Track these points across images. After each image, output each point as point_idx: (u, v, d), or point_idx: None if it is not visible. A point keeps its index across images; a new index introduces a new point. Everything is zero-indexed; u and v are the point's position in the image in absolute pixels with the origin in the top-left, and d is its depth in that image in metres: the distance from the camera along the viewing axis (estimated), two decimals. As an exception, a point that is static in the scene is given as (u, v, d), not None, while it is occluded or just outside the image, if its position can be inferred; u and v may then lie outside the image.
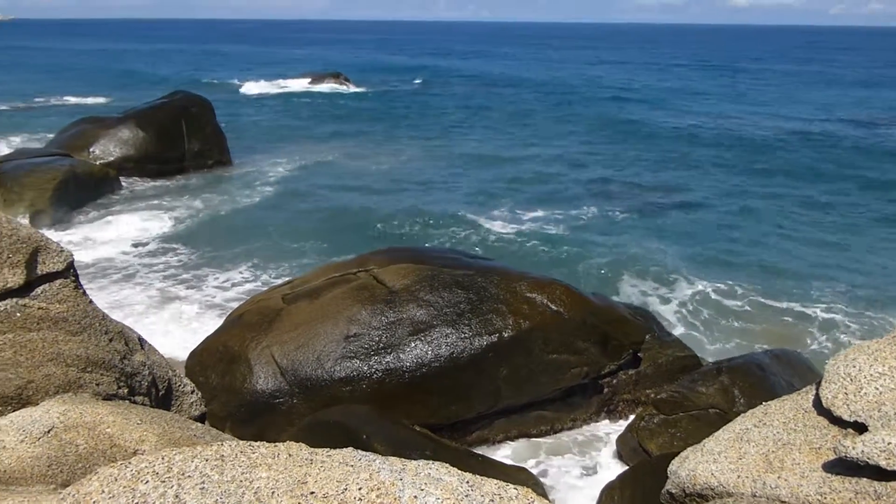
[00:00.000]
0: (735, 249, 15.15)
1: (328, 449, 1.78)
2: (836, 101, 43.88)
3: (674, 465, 2.83)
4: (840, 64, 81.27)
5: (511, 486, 1.60)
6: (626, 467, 7.37)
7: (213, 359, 7.90)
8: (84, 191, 17.26)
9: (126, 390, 3.63)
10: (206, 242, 14.84)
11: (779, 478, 2.56)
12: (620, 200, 19.06)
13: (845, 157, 25.56)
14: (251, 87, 47.76)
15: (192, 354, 8.26)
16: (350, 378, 7.49)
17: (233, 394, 7.49)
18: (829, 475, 2.54)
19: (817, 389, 2.90)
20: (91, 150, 19.52)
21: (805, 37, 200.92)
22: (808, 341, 11.09)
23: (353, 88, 48.01)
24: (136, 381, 3.75)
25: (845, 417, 2.66)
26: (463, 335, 7.75)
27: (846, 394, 2.67)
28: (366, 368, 7.54)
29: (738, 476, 2.58)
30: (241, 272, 13.19)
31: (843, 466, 2.53)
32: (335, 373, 7.49)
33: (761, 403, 3.18)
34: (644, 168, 23.52)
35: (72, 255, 3.64)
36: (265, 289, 10.75)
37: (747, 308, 12.15)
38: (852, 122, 34.22)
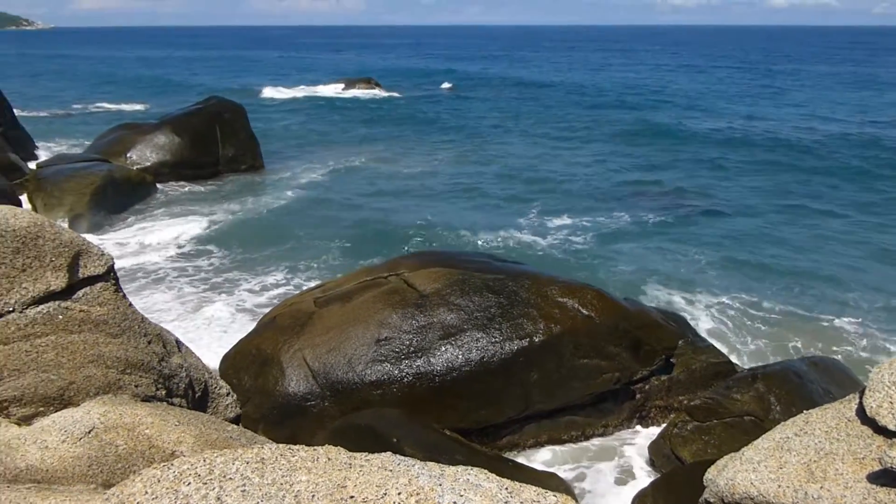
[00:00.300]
0: (770, 254, 14.88)
1: (366, 453, 1.79)
2: (878, 102, 42.90)
3: (711, 474, 2.78)
4: (882, 64, 79.42)
5: (550, 493, 1.58)
6: (659, 475, 7.28)
7: (246, 361, 7.99)
8: (121, 195, 17.62)
9: (164, 392, 3.69)
10: (239, 246, 15.03)
11: (821, 488, 2.50)
12: (653, 205, 18.85)
13: (886, 159, 24.97)
14: (283, 93, 48.37)
15: (226, 357, 8.37)
16: (381, 381, 7.51)
17: (265, 396, 7.56)
18: (873, 486, 2.48)
19: (860, 398, 2.83)
20: (128, 155, 19.94)
21: (847, 37, 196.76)
22: (845, 349, 10.83)
23: (384, 93, 48.30)
24: (174, 382, 3.81)
25: (891, 427, 2.59)
26: (493, 339, 7.73)
27: (891, 403, 2.60)
28: (396, 372, 7.56)
29: (779, 486, 2.53)
30: (273, 276, 13.33)
31: (889, 477, 2.46)
32: (366, 376, 7.52)
33: (798, 411, 3.11)
34: (677, 172, 23.24)
35: (112, 258, 3.72)
36: (297, 292, 10.85)
37: (783, 314, 11.92)
38: (894, 125, 33.42)
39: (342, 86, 50.07)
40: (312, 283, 12.22)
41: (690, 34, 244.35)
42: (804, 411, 2.90)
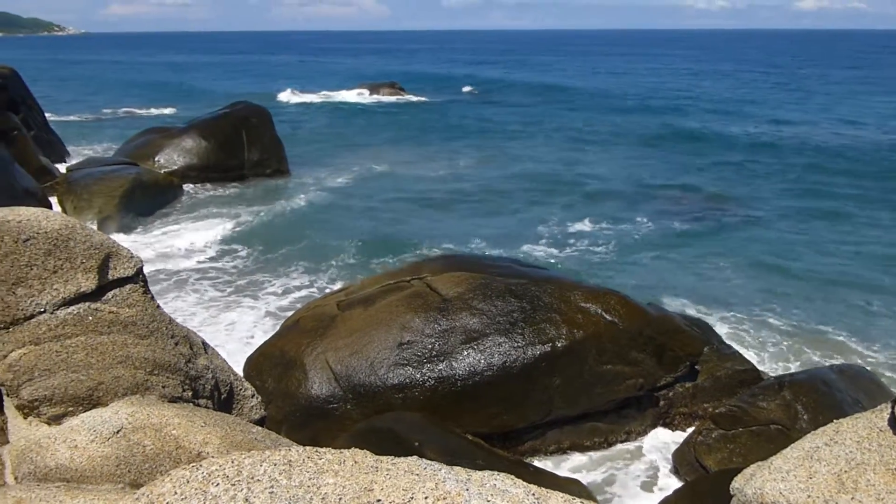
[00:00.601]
0: (798, 261, 14.67)
1: (392, 457, 1.79)
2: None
3: (738, 482, 2.75)
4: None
5: (578, 499, 1.58)
6: (683, 482, 7.21)
7: (269, 363, 8.06)
8: (149, 198, 17.87)
9: (190, 393, 3.74)
10: (263, 249, 15.17)
11: (852, 499, 2.46)
12: (678, 210, 18.69)
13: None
14: (308, 97, 48.81)
15: (250, 359, 8.44)
16: (402, 385, 7.53)
17: (288, 398, 7.62)
18: (904, 498, 2.43)
19: (893, 408, 2.78)
20: (156, 159, 20.23)
21: (878, 41, 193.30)
22: (874, 357, 10.64)
23: (408, 98, 48.50)
24: (200, 384, 3.85)
25: (923, 438, 2.54)
26: (516, 344, 7.71)
27: (923, 414, 2.54)
28: (418, 376, 7.57)
29: (809, 496, 2.49)
30: (296, 279, 13.43)
31: (921, 490, 2.41)
32: (388, 379, 7.54)
33: (825, 421, 3.06)
34: (703, 177, 23.02)
35: (141, 261, 3.78)
36: (320, 295, 10.92)
37: (810, 322, 11.75)
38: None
39: (366, 90, 50.37)
40: (335, 287, 12.29)
41: (715, 38, 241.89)
42: (834, 420, 2.86)
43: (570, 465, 7.81)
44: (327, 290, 12.07)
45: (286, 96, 49.05)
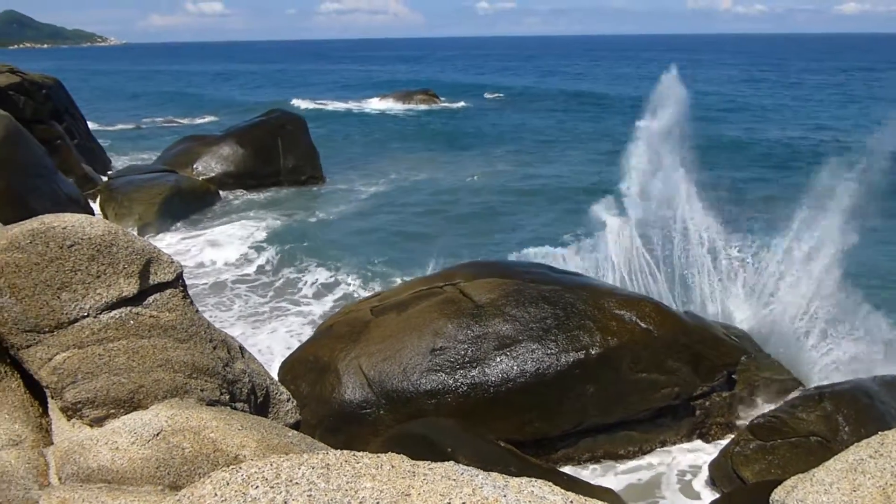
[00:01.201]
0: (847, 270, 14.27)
1: (429, 462, 1.81)
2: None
3: (778, 495, 2.70)
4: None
5: (615, 509, 1.56)
6: (720, 494, 7.08)
7: (304, 368, 8.14)
8: (187, 205, 18.23)
9: (227, 397, 3.80)
10: (296, 255, 15.34)
11: (896, 514, 2.39)
12: (714, 218, 18.37)
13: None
14: (344, 104, 49.29)
15: (284, 364, 8.55)
16: (435, 391, 7.54)
17: (322, 403, 7.68)
18: (953, 514, 2.36)
19: (939, 421, 2.70)
20: (194, 166, 20.63)
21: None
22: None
23: (442, 105, 48.64)
24: (237, 388, 3.91)
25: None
26: (549, 351, 7.67)
27: (972, 427, 2.46)
28: (451, 382, 7.57)
29: (851, 510, 2.43)
30: (329, 284, 13.54)
31: (970, 505, 2.34)
32: (421, 385, 7.56)
33: (868, 433, 2.98)
34: (741, 184, 22.60)
35: (181, 266, 3.86)
36: (354, 301, 11.00)
37: (851, 331, 11.43)
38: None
39: (401, 98, 50.67)
40: (368, 292, 12.36)
41: (756, 42, 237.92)
42: (879, 432, 2.78)
43: (603, 473, 7.73)
44: (360, 296, 12.15)
45: (320, 104, 49.63)
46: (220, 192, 20.29)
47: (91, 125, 26.51)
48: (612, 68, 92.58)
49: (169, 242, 16.06)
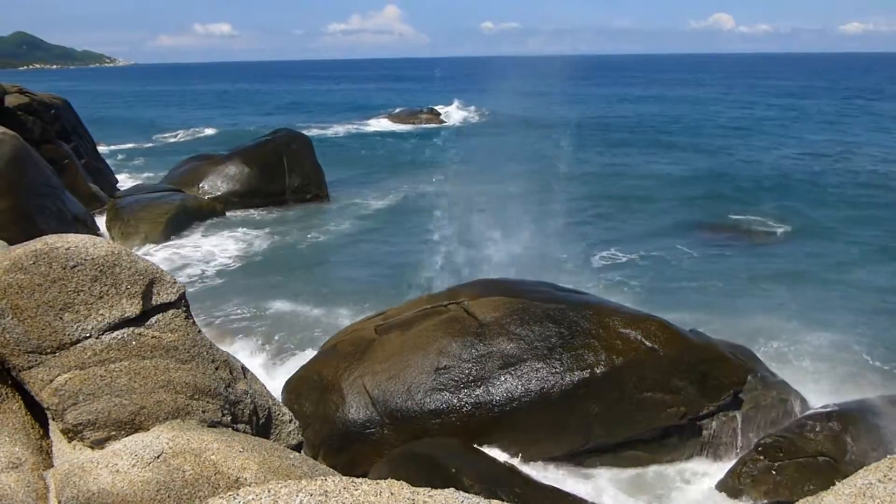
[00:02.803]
0: (845, 290, 14.21)
1: (429, 489, 1.78)
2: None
3: (784, 520, 2.66)
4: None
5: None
6: (728, 515, 7.00)
7: (307, 387, 8.11)
8: (193, 223, 18.28)
9: (229, 418, 3.78)
10: (299, 272, 15.38)
11: (904, 539, 2.35)
12: (723, 238, 18.36)
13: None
14: (348, 125, 49.58)
15: (288, 383, 8.51)
16: (440, 410, 7.50)
17: (326, 422, 7.65)
18: (963, 539, 2.31)
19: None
20: (201, 185, 20.73)
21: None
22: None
23: (446, 124, 48.86)
24: (239, 409, 3.89)
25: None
26: (554, 370, 7.63)
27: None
28: (455, 401, 7.53)
29: (859, 535, 2.39)
30: (333, 302, 13.50)
31: (980, 530, 2.30)
32: (425, 405, 7.52)
33: (876, 453, 2.94)
34: (749, 205, 22.52)
35: (184, 287, 3.86)
36: (357, 319, 10.96)
37: (860, 351, 11.35)
38: None
39: (407, 117, 50.98)
40: (371, 311, 12.32)
41: (762, 62, 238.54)
42: (888, 456, 2.74)
43: (609, 493, 7.64)
44: (362, 314, 12.11)
45: (327, 123, 49.95)
46: (227, 212, 20.36)
47: (98, 144, 26.66)
48: (614, 90, 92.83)
49: (167, 263, 16.08)
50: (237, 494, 1.74)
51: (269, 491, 1.71)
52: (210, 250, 16.64)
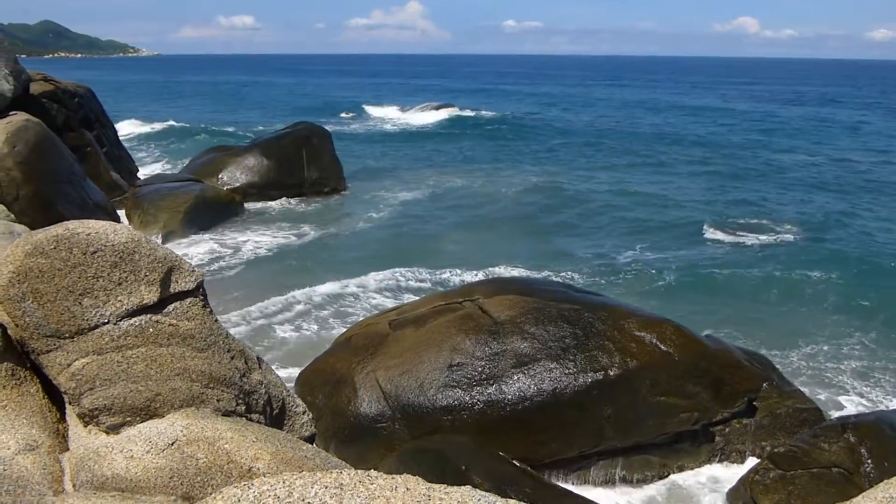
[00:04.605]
0: (866, 297, 14.04)
1: (445, 485, 1.77)
2: None
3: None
4: None
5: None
6: (739, 523, 6.93)
7: (320, 380, 8.14)
8: (211, 213, 18.42)
9: (243, 408, 3.80)
10: (318, 265, 15.44)
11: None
12: (741, 242, 18.20)
13: None
14: (367, 118, 49.76)
15: (301, 374, 8.55)
16: (451, 407, 7.49)
17: (338, 415, 7.67)
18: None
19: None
20: (219, 176, 20.87)
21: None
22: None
23: (463, 119, 48.81)
24: (253, 399, 3.91)
25: None
26: (567, 371, 7.60)
27: None
28: (467, 398, 7.52)
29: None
30: (347, 296, 13.55)
31: None
32: (437, 401, 7.52)
33: (892, 466, 2.89)
34: (769, 208, 22.36)
35: (202, 274, 3.87)
36: (372, 314, 10.99)
37: (880, 361, 11.21)
38: None
39: (425, 111, 51.01)
40: (387, 306, 12.35)
41: (786, 66, 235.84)
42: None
43: (619, 497, 7.61)
44: (379, 309, 12.14)
45: (343, 116, 50.15)
46: (245, 203, 20.49)
47: (120, 133, 26.88)
48: (636, 93, 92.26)
49: (186, 249, 16.21)
50: (252, 484, 1.74)
51: (284, 482, 1.71)
52: (241, 249, 16.76)
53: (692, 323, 9.62)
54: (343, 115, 52.01)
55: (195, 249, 16.38)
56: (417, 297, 11.30)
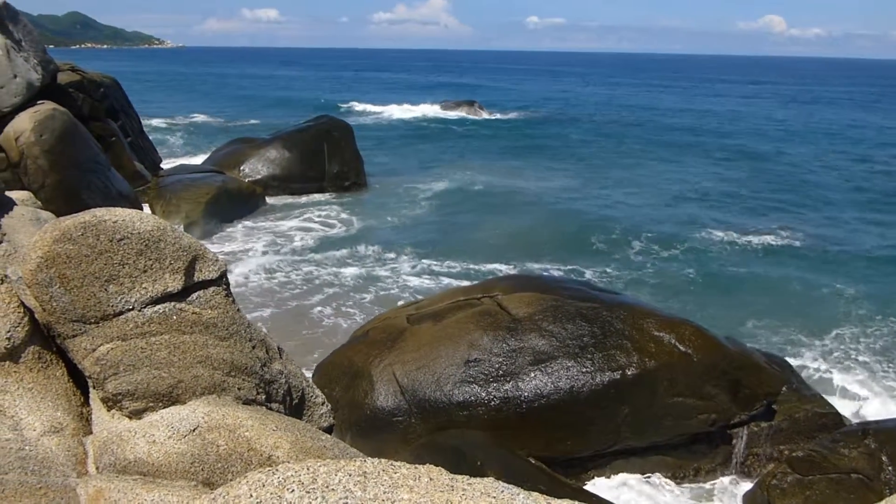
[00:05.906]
0: (891, 299, 13.86)
1: (467, 476, 1.78)
2: None
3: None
4: None
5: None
6: (755, 527, 6.88)
7: (338, 372, 8.19)
8: (233, 205, 18.58)
9: (264, 396, 3.84)
10: (336, 259, 15.51)
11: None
12: (764, 243, 18.02)
13: None
14: (388, 113, 49.81)
15: (319, 367, 8.61)
16: (468, 403, 7.51)
17: (355, 408, 7.71)
18: None
19: None
20: (241, 168, 21.03)
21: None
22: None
23: (486, 116, 48.75)
24: (274, 388, 3.95)
25: None
26: (584, 369, 7.58)
27: None
28: (484, 395, 7.53)
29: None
30: (366, 290, 13.62)
31: None
32: (453, 396, 7.54)
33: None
34: (791, 209, 22.13)
35: (226, 264, 3.92)
36: (391, 308, 11.03)
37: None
38: None
39: (447, 108, 50.96)
40: (404, 301, 12.40)
41: (802, 66, 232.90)
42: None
43: (634, 497, 7.58)
44: (396, 304, 12.19)
45: (367, 110, 50.27)
46: (266, 195, 20.62)
47: (145, 123, 27.13)
48: (661, 92, 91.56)
49: (209, 241, 16.37)
50: (276, 470, 1.76)
51: (308, 468, 1.73)
52: (261, 243, 16.90)
53: (712, 324, 9.55)
54: (363, 108, 52.15)
55: (217, 239, 16.54)
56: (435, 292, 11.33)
